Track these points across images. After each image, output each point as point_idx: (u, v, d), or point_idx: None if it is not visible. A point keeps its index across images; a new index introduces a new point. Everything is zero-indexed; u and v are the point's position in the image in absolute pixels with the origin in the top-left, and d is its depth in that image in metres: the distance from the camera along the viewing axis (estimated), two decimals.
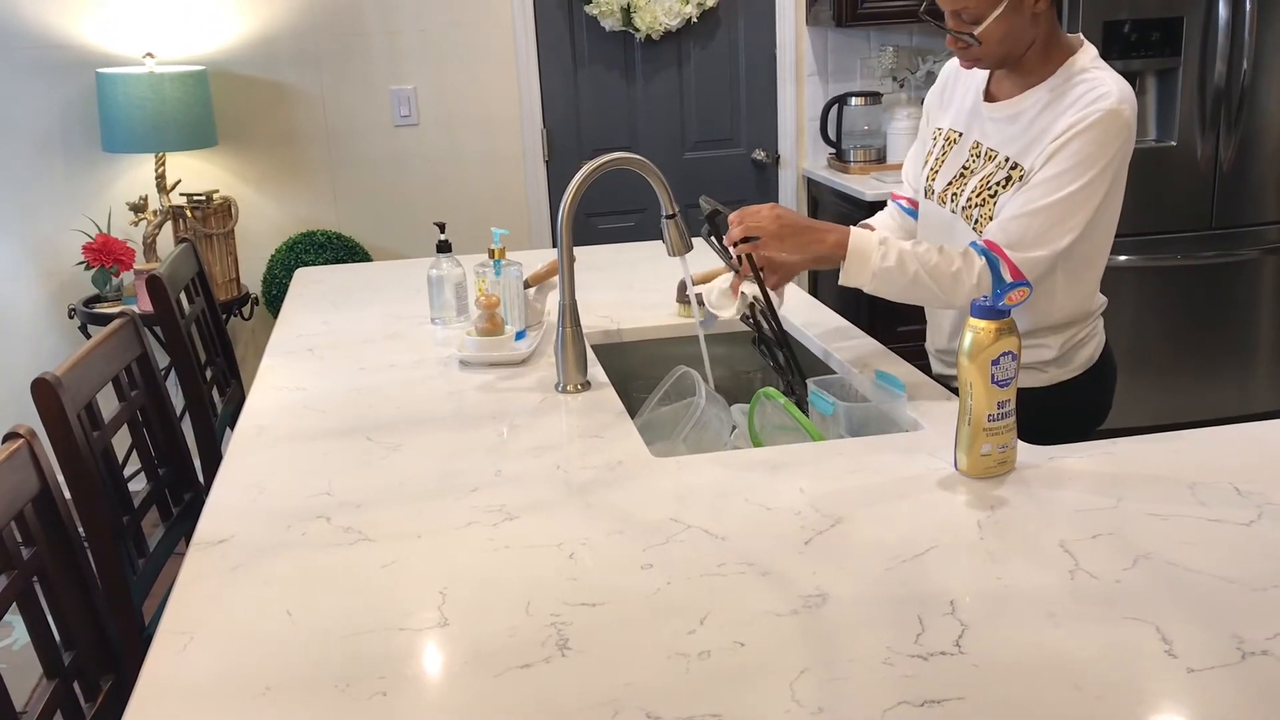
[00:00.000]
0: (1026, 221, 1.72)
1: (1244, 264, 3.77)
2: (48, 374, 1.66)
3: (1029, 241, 1.72)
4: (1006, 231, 1.74)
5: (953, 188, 1.89)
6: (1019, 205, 1.74)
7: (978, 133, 1.88)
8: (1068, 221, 1.71)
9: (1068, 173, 1.70)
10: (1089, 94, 1.71)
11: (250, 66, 3.86)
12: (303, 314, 2.54)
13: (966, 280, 1.74)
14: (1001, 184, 1.79)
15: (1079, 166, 1.70)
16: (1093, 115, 1.69)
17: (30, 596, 1.40)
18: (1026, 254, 1.72)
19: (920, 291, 1.77)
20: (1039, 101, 1.78)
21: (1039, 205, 1.72)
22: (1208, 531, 1.33)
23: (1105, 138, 1.69)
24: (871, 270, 1.76)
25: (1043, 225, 1.71)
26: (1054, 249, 1.72)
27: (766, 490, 1.50)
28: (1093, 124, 1.69)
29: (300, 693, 1.10)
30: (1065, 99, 1.74)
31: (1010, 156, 1.80)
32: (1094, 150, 1.69)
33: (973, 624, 1.15)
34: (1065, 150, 1.71)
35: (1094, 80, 1.73)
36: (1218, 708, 1.02)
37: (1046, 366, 1.90)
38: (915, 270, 1.75)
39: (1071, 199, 1.70)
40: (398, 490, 1.56)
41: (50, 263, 3.89)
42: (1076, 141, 1.70)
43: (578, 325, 1.92)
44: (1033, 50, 1.77)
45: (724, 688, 1.07)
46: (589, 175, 1.84)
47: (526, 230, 4.15)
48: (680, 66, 4.14)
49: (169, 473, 2.08)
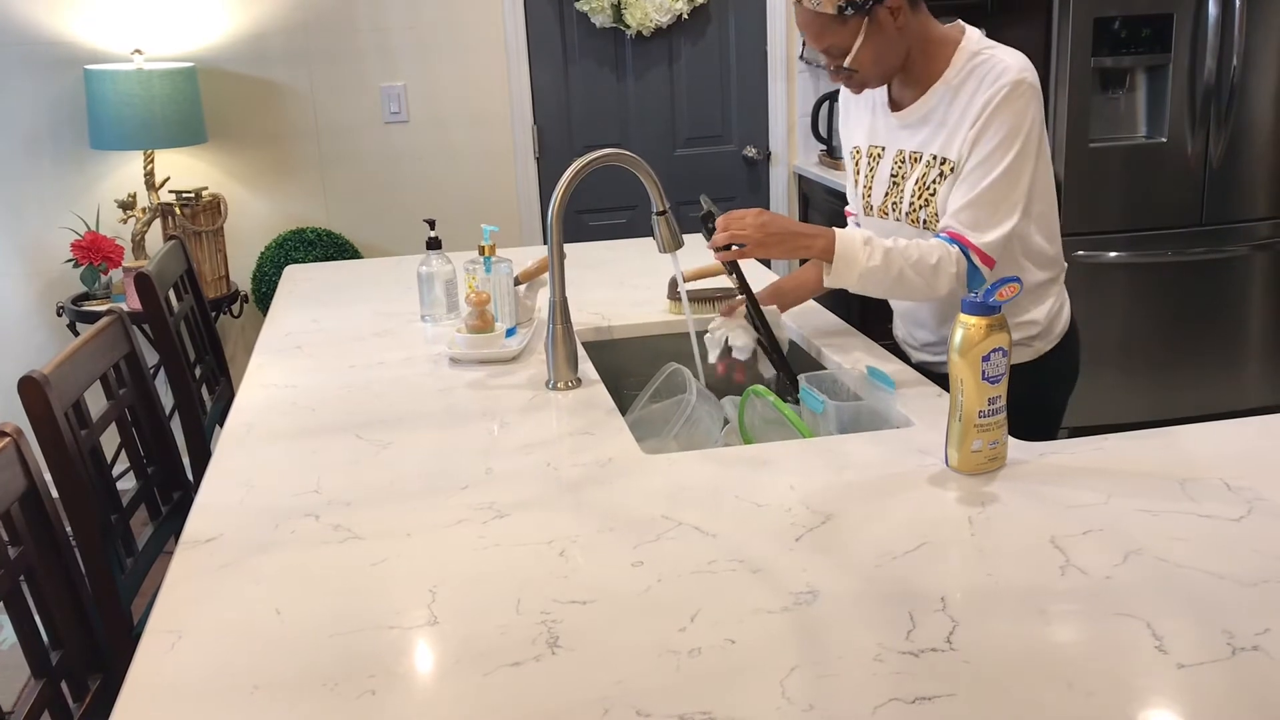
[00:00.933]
0: (973, 209, 1.77)
1: (1234, 260, 3.78)
2: (35, 372, 1.65)
3: (983, 224, 1.77)
4: (959, 222, 1.78)
5: (890, 198, 1.92)
6: (961, 195, 1.78)
7: (898, 142, 1.91)
8: (1010, 196, 1.76)
9: (995, 151, 1.75)
10: (990, 73, 1.76)
11: (239, 63, 3.85)
12: (292, 311, 2.53)
13: (947, 269, 1.77)
14: (936, 180, 1.83)
15: (1004, 142, 1.74)
16: (1001, 91, 1.74)
17: (17, 596, 1.40)
18: (986, 238, 1.77)
19: (905, 287, 1.80)
20: (943, 96, 1.82)
21: (980, 190, 1.76)
22: (1198, 527, 1.33)
23: (1019, 107, 1.74)
24: (858, 271, 1.79)
25: (989, 208, 1.76)
26: (1009, 224, 1.77)
27: (757, 487, 1.50)
28: (1004, 99, 1.74)
29: (289, 692, 1.09)
30: (969, 84, 1.78)
31: (935, 153, 1.83)
32: (1013, 122, 1.74)
33: (964, 620, 1.15)
34: (986, 131, 1.75)
35: (990, 59, 1.78)
36: (1208, 703, 1.02)
37: (1033, 341, 1.94)
38: (900, 267, 1.77)
39: (1007, 174, 1.75)
40: (387, 488, 1.56)
41: (38, 260, 3.87)
42: (995, 120, 1.74)
43: (568, 322, 1.92)
44: (915, 55, 1.83)
45: (715, 685, 1.07)
46: (579, 172, 1.84)
47: (517, 227, 4.14)
48: (671, 63, 4.13)
49: (157, 471, 2.07)
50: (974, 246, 1.76)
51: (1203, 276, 3.77)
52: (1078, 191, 3.61)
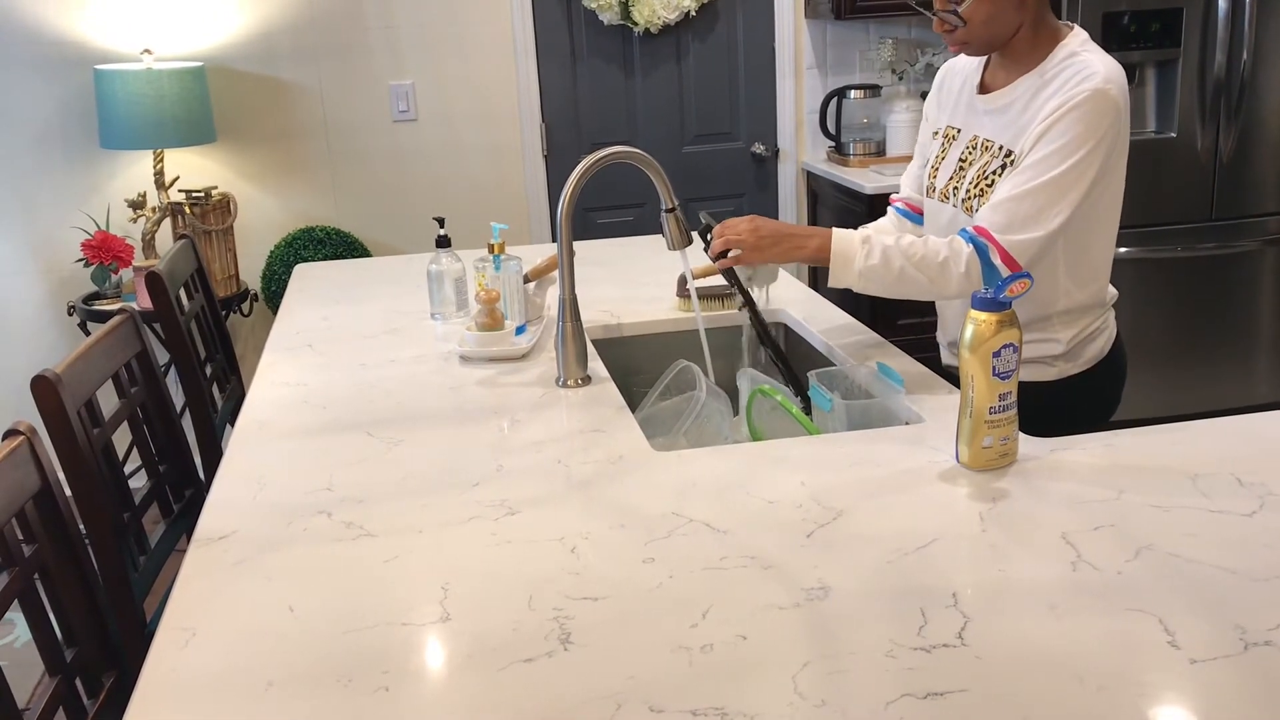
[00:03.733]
0: (1015, 205, 1.71)
1: (1244, 255, 3.77)
2: (48, 371, 1.66)
3: (1018, 224, 1.71)
4: (996, 215, 1.73)
5: (953, 182, 1.88)
6: (1008, 189, 1.73)
7: (975, 126, 1.87)
8: (1058, 204, 1.70)
9: (1055, 154, 1.69)
10: (1075, 75, 1.71)
11: (248, 62, 3.86)
12: (302, 310, 2.53)
13: (955, 269, 1.73)
14: (997, 172, 1.78)
15: (1066, 147, 1.69)
16: (1079, 95, 1.68)
17: (32, 594, 1.40)
18: (1016, 237, 1.71)
19: (908, 285, 1.77)
20: (1030, 88, 1.77)
21: (1027, 188, 1.70)
22: (1210, 523, 1.33)
23: (1092, 117, 1.68)
24: (856, 270, 1.77)
25: (1031, 208, 1.70)
26: (1045, 231, 1.71)
27: (768, 484, 1.50)
28: (1078, 104, 1.68)
29: (302, 688, 1.10)
30: (1054, 83, 1.73)
31: (1004, 144, 1.79)
32: (1081, 130, 1.68)
33: (975, 616, 1.15)
34: (1052, 131, 1.70)
35: (1082, 63, 1.72)
36: (1220, 699, 1.02)
37: (1054, 361, 1.88)
38: (901, 265, 1.75)
39: (1060, 180, 1.69)
40: (399, 485, 1.56)
41: (49, 260, 3.88)
42: (1063, 123, 1.69)
43: (578, 320, 1.92)
44: (1021, 36, 1.77)
45: (726, 681, 1.07)
46: (588, 169, 1.84)
47: (526, 225, 4.15)
48: (679, 60, 4.13)
49: (169, 469, 2.08)
50: (997, 244, 1.71)
51: (1213, 272, 3.76)
52: None
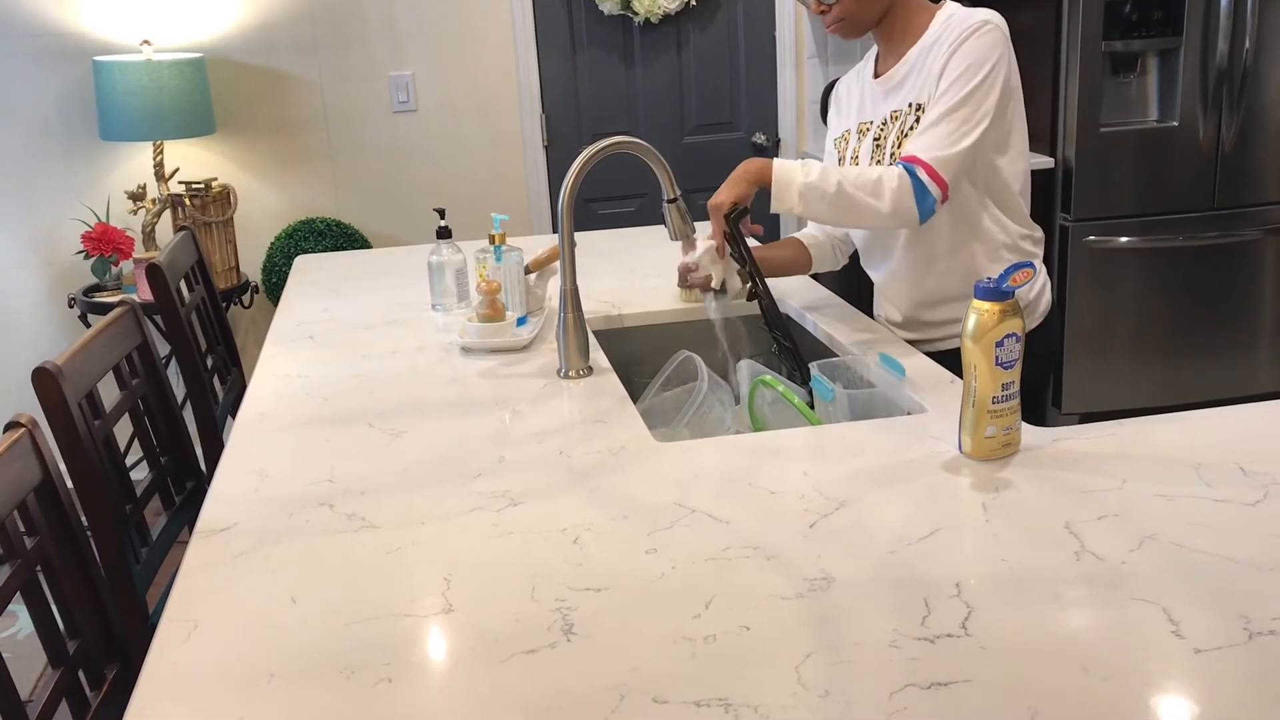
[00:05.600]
0: (933, 129, 1.84)
1: (1246, 244, 3.76)
2: (49, 363, 1.65)
3: (939, 143, 1.83)
4: (918, 142, 1.85)
5: (875, 156, 1.98)
6: (926, 120, 1.86)
7: (881, 110, 1.98)
8: (970, 120, 1.82)
9: (959, 80, 1.83)
10: (959, 25, 1.85)
11: (248, 53, 3.85)
12: (303, 301, 2.53)
13: (888, 184, 1.83)
14: (913, 126, 1.90)
15: (967, 71, 1.82)
16: (967, 30, 1.83)
17: (34, 586, 1.40)
18: (939, 154, 1.82)
19: (846, 202, 1.85)
20: (919, 53, 1.91)
21: (940, 112, 1.84)
22: (1214, 512, 1.33)
23: (984, 43, 1.82)
24: (797, 189, 1.85)
25: (947, 128, 1.83)
26: (963, 145, 1.82)
27: (770, 474, 1.50)
28: (968, 35, 1.83)
29: (305, 680, 1.10)
30: (942, 39, 1.87)
31: (912, 102, 1.91)
32: (979, 54, 1.82)
33: (979, 606, 1.15)
34: (950, 64, 1.84)
35: (962, 15, 1.87)
36: (1225, 688, 1.01)
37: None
38: (838, 180, 1.84)
39: (969, 99, 1.82)
40: (401, 477, 1.56)
41: (49, 252, 3.88)
42: (959, 54, 1.85)
43: (579, 310, 1.92)
44: (896, 11, 1.91)
45: (730, 671, 1.07)
46: (590, 159, 1.83)
47: (526, 216, 4.14)
48: (679, 50, 4.12)
49: (171, 461, 2.08)
50: (922, 163, 1.82)
51: (1214, 261, 3.76)
52: (1089, 176, 3.59)
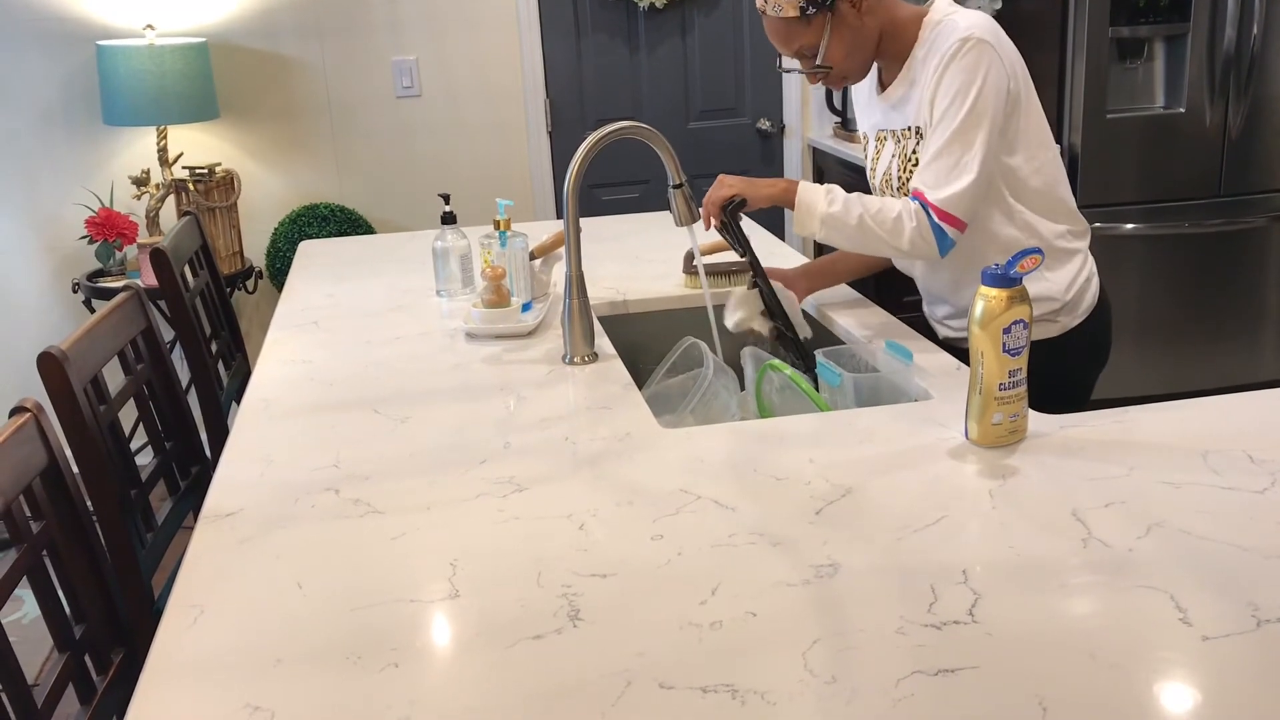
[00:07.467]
0: (934, 164, 1.80)
1: (1252, 231, 3.75)
2: (54, 348, 1.65)
3: (943, 180, 1.79)
4: (923, 177, 1.82)
5: (886, 175, 1.97)
6: (924, 156, 1.82)
7: (886, 124, 1.96)
8: (970, 149, 1.77)
9: (950, 108, 1.77)
10: (942, 39, 1.80)
11: (251, 38, 3.84)
12: (307, 287, 2.53)
13: (908, 224, 1.80)
14: (916, 150, 1.88)
15: (956, 98, 1.77)
16: (948, 52, 1.77)
17: (40, 570, 1.40)
18: (945, 192, 1.79)
19: (867, 237, 1.83)
20: (915, 70, 1.86)
21: (938, 146, 1.79)
22: (1221, 499, 1.33)
23: (966, 64, 1.76)
24: (819, 216, 1.83)
25: (948, 161, 1.78)
26: (968, 179, 1.77)
27: (776, 461, 1.49)
28: (949, 58, 1.76)
29: (311, 665, 1.10)
30: (933, 53, 1.82)
31: (911, 124, 1.88)
32: (962, 78, 1.76)
33: (985, 593, 1.15)
34: (939, 92, 1.79)
35: (947, 26, 1.81)
36: (1233, 675, 1.01)
37: (1056, 316, 1.92)
38: (860, 214, 1.81)
39: (963, 128, 1.77)
40: (406, 462, 1.56)
41: (53, 237, 3.87)
42: (944, 80, 1.77)
43: (584, 296, 1.91)
44: (887, 38, 1.87)
45: (736, 658, 1.07)
46: (595, 145, 1.83)
47: (530, 201, 4.13)
48: (684, 35, 4.11)
49: (176, 446, 2.08)
50: (931, 204, 1.79)
51: (1221, 248, 3.74)
52: (1095, 162, 3.58)
